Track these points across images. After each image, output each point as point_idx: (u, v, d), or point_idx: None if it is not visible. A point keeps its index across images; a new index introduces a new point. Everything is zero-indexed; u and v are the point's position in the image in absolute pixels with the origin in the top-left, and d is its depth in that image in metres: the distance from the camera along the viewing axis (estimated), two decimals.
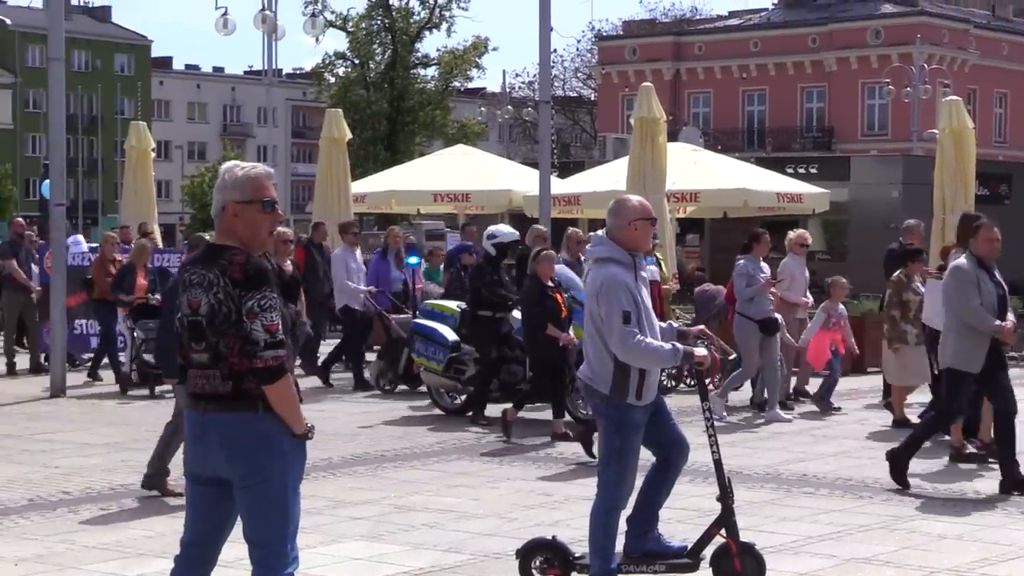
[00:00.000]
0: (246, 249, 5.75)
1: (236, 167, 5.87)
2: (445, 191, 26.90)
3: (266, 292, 5.65)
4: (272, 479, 5.69)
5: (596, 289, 7.59)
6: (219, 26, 32.45)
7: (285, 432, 5.70)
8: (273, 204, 5.84)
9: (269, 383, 5.63)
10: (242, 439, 5.68)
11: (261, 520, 5.73)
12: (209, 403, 5.74)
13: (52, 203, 18.80)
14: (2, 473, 11.89)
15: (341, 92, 68.79)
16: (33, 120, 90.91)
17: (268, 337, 5.61)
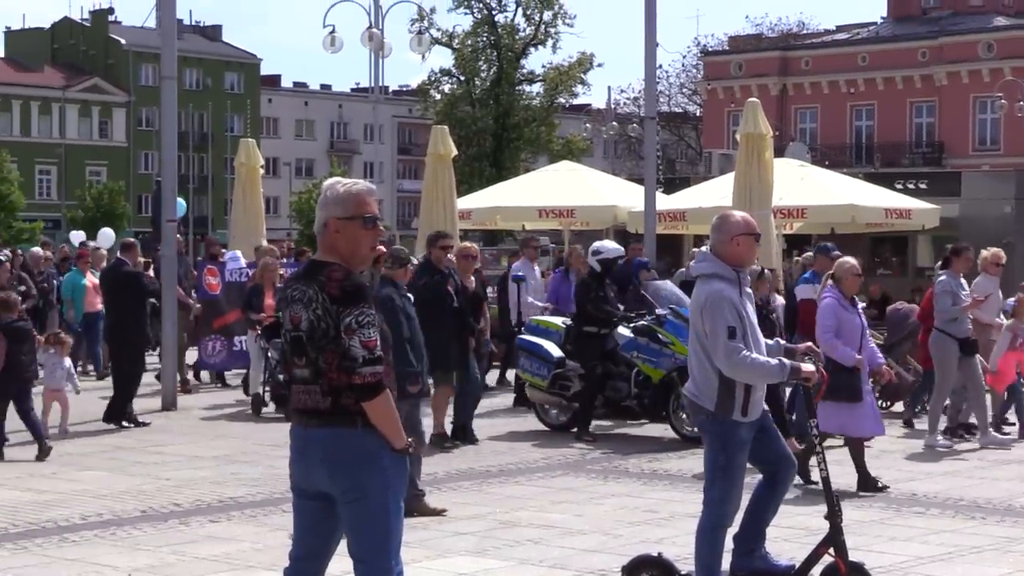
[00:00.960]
0: (347, 265, 5.78)
1: (338, 183, 5.92)
2: (550, 207, 26.91)
3: (364, 308, 5.68)
4: (372, 495, 5.71)
5: (701, 304, 7.57)
6: (327, 44, 32.71)
7: (385, 447, 5.71)
8: (375, 220, 5.86)
9: (367, 399, 5.65)
10: (342, 455, 5.70)
11: (363, 535, 5.75)
12: (311, 418, 5.78)
13: (163, 219, 19.05)
14: (116, 484, 12.09)
15: (447, 109, 69.16)
16: (146, 138, 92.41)
17: (366, 353, 5.63)
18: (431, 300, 13.67)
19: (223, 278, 20.17)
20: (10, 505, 11.08)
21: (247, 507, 11.05)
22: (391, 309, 10.87)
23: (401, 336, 10.79)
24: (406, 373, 10.61)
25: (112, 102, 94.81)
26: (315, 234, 5.96)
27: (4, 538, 9.82)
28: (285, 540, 9.30)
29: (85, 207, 79.17)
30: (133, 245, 17.23)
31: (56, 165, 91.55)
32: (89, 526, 10.27)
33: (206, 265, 20.65)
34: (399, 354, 10.70)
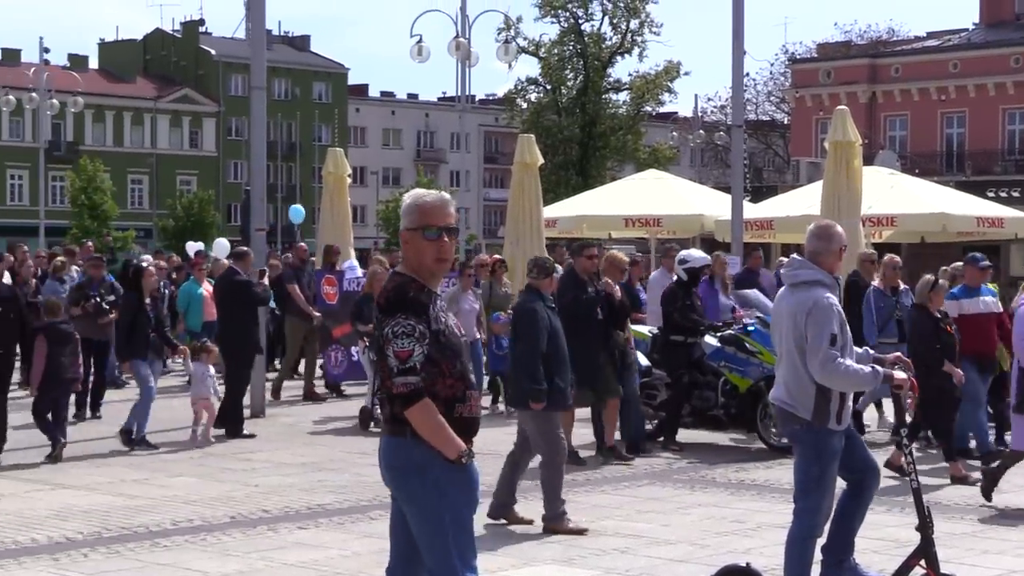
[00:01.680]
0: (417, 276, 5.78)
1: (411, 195, 5.93)
2: (636, 216, 26.88)
3: (400, 319, 5.66)
4: (423, 503, 5.70)
5: (805, 310, 7.52)
6: (414, 53, 32.93)
7: (437, 459, 5.66)
8: (439, 231, 5.79)
9: (403, 409, 5.66)
10: (396, 463, 5.75)
11: (423, 543, 5.76)
12: (383, 424, 5.87)
13: (253, 228, 19.22)
14: (205, 491, 12.22)
15: (533, 117, 69.24)
16: (235, 147, 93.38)
17: (398, 363, 5.63)
18: (579, 314, 13.32)
19: (340, 287, 20.04)
20: (103, 510, 11.23)
21: (335, 514, 11.12)
22: (531, 321, 10.77)
23: (536, 350, 10.67)
24: (533, 390, 10.53)
25: (202, 112, 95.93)
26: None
27: (97, 542, 9.96)
28: (372, 547, 9.38)
29: (176, 216, 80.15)
30: (246, 254, 17.11)
31: (147, 175, 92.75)
32: (180, 531, 10.39)
33: (324, 275, 20.35)
34: (529, 368, 10.67)
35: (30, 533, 10.27)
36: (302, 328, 20.07)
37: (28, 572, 9.09)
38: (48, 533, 10.27)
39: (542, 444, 10.63)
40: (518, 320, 11.08)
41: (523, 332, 10.93)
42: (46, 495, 12.01)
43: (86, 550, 9.71)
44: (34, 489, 12.32)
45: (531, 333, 10.80)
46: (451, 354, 5.73)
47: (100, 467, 13.62)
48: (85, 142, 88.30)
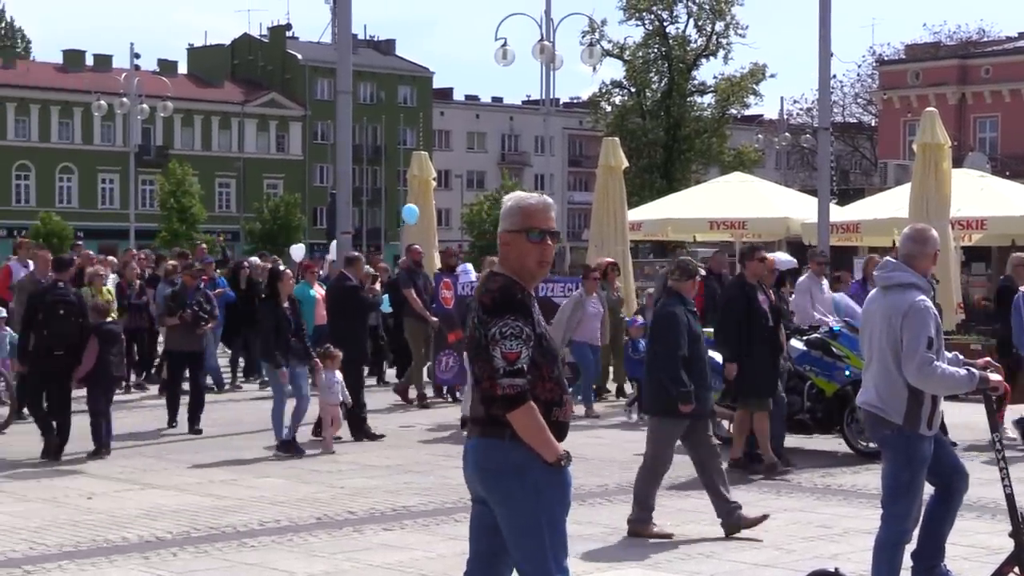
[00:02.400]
0: (516, 278, 5.78)
1: (511, 197, 5.93)
2: (721, 219, 26.77)
3: (509, 320, 5.65)
4: (518, 505, 5.68)
5: (901, 313, 7.45)
6: (498, 57, 32.97)
7: (536, 461, 5.66)
8: (541, 234, 5.81)
9: (508, 411, 5.64)
10: (492, 465, 5.72)
11: (517, 545, 5.74)
12: (473, 426, 5.84)
13: (338, 231, 19.37)
14: (292, 492, 12.32)
15: (617, 120, 69.13)
16: (321, 151, 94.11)
17: (506, 364, 5.61)
18: (752, 322, 13.09)
19: (456, 291, 19.61)
20: (191, 510, 11.36)
21: (420, 516, 11.17)
22: (670, 326, 10.54)
23: (676, 353, 10.47)
24: (680, 392, 10.37)
25: (289, 116, 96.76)
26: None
27: (186, 541, 10.07)
28: (456, 549, 9.40)
29: (262, 219, 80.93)
30: (357, 259, 17.04)
31: (235, 178, 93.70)
32: (267, 532, 10.48)
33: (442, 278, 20.00)
34: (670, 372, 10.46)
35: (121, 532, 10.41)
36: (422, 331, 19.77)
37: (119, 570, 9.21)
38: (138, 532, 10.41)
39: (650, 448, 10.51)
40: (656, 324, 10.86)
41: (662, 336, 10.72)
42: (136, 495, 12.17)
43: (175, 549, 9.83)
44: (125, 489, 12.49)
45: (670, 337, 10.56)
46: (551, 358, 5.76)
47: (189, 468, 13.77)
48: (174, 146, 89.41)
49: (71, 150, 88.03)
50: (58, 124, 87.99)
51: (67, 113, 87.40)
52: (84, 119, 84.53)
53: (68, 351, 14.48)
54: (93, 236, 67.78)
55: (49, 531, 10.42)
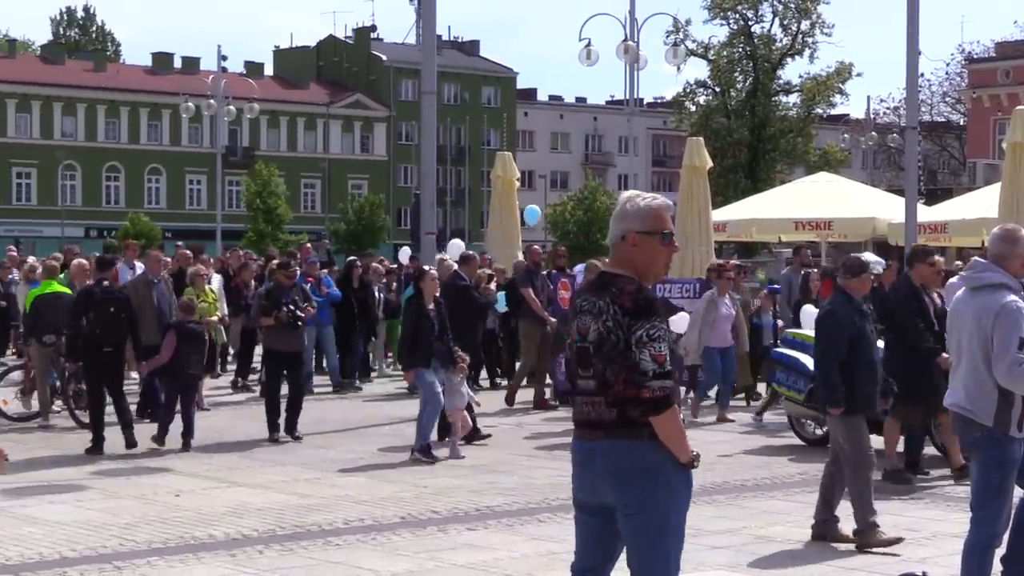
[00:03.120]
0: (639, 279, 5.78)
1: (638, 197, 5.91)
2: (807, 219, 26.54)
3: (655, 322, 5.64)
4: (654, 509, 5.67)
5: (992, 313, 7.36)
6: (582, 57, 32.91)
7: (670, 461, 5.67)
8: (672, 236, 5.87)
9: (656, 413, 5.61)
10: (626, 467, 5.67)
11: (644, 549, 5.72)
12: (594, 430, 5.76)
13: (422, 231, 19.43)
14: (376, 491, 12.38)
15: (702, 120, 68.90)
16: (405, 152, 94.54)
17: (656, 367, 5.59)
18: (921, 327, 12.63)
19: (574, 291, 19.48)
20: (277, 508, 11.46)
21: (503, 516, 11.19)
22: (830, 324, 10.21)
23: (832, 354, 10.13)
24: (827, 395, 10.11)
25: (373, 117, 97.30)
26: (609, 245, 5.94)
27: (272, 540, 10.16)
28: (540, 549, 9.42)
29: (347, 220, 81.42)
30: (471, 258, 16.94)
31: (320, 179, 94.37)
32: (351, 530, 10.55)
33: (559, 278, 19.77)
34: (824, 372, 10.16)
35: (208, 529, 10.52)
36: (537, 333, 19.37)
37: (206, 567, 9.31)
38: (225, 529, 10.51)
39: (846, 449, 10.15)
40: (819, 323, 10.62)
41: (821, 335, 10.44)
42: (223, 492, 12.29)
43: (261, 547, 9.91)
44: (211, 487, 12.62)
45: (829, 336, 10.28)
46: (675, 359, 5.75)
47: (275, 466, 13.89)
48: (260, 147, 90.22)
49: (159, 152, 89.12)
50: (147, 126, 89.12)
51: (156, 115, 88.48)
52: (172, 121, 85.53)
53: (117, 347, 15.07)
54: (180, 236, 68.43)
55: (138, 528, 10.56)
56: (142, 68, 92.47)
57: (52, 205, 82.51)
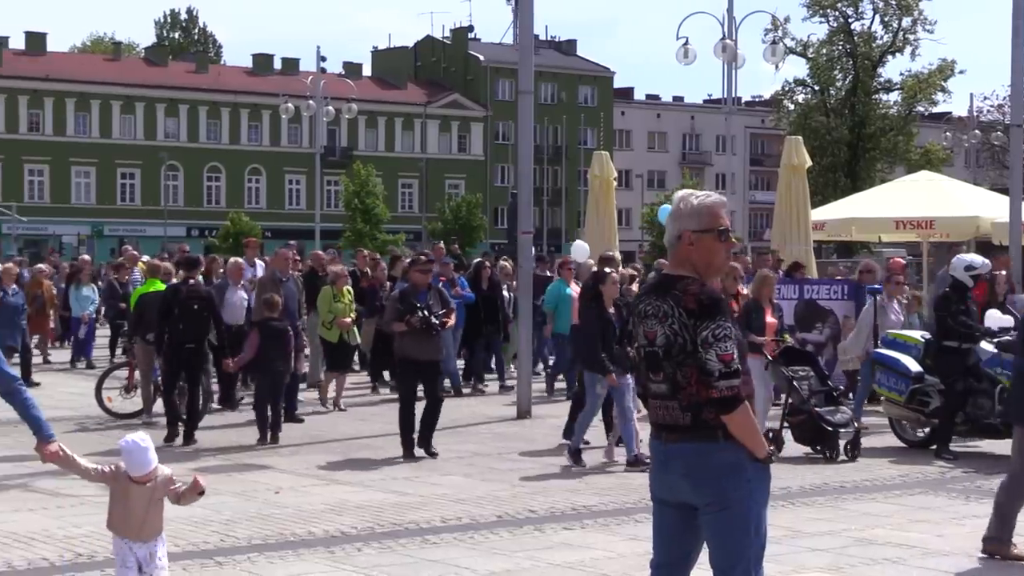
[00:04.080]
0: (700, 278, 5.77)
1: (691, 196, 5.90)
2: (908, 218, 26.18)
3: (720, 321, 5.63)
4: (734, 506, 5.69)
5: None
6: (680, 56, 32.81)
7: (747, 459, 5.67)
8: (728, 233, 5.85)
9: (726, 412, 5.62)
10: (705, 468, 5.68)
11: (725, 547, 5.74)
12: (671, 433, 5.77)
13: (519, 231, 19.45)
14: (473, 489, 12.42)
15: (800, 119, 68.34)
16: (502, 151, 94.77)
17: (723, 367, 5.59)
18: None
19: None
20: (375, 506, 11.53)
21: (600, 515, 11.18)
22: None
23: None
24: None
25: (470, 117, 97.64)
26: (666, 246, 5.95)
27: (370, 537, 10.23)
28: (637, 549, 9.39)
29: (444, 219, 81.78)
30: (612, 258, 16.69)
31: (417, 179, 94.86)
32: (448, 529, 10.59)
33: None
34: None
35: (307, 526, 10.62)
36: None
37: (305, 563, 9.39)
38: (324, 527, 10.60)
39: (1018, 461, 9.66)
40: (1020, 331, 10.30)
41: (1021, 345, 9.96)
42: (322, 490, 12.39)
43: (359, 544, 9.98)
44: (311, 484, 12.73)
45: None
46: (743, 356, 5.74)
47: (373, 464, 13.98)
48: (358, 147, 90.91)
49: (259, 152, 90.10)
50: (247, 127, 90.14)
51: (256, 116, 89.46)
52: (272, 121, 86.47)
53: (198, 344, 15.63)
54: (279, 236, 69.07)
55: (239, 524, 10.68)
56: (243, 69, 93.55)
57: (155, 205, 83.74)
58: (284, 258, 18.07)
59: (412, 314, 14.23)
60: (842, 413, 14.54)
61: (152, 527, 7.23)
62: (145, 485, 7.16)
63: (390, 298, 15.72)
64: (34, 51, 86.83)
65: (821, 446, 14.39)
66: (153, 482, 7.19)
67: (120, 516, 7.18)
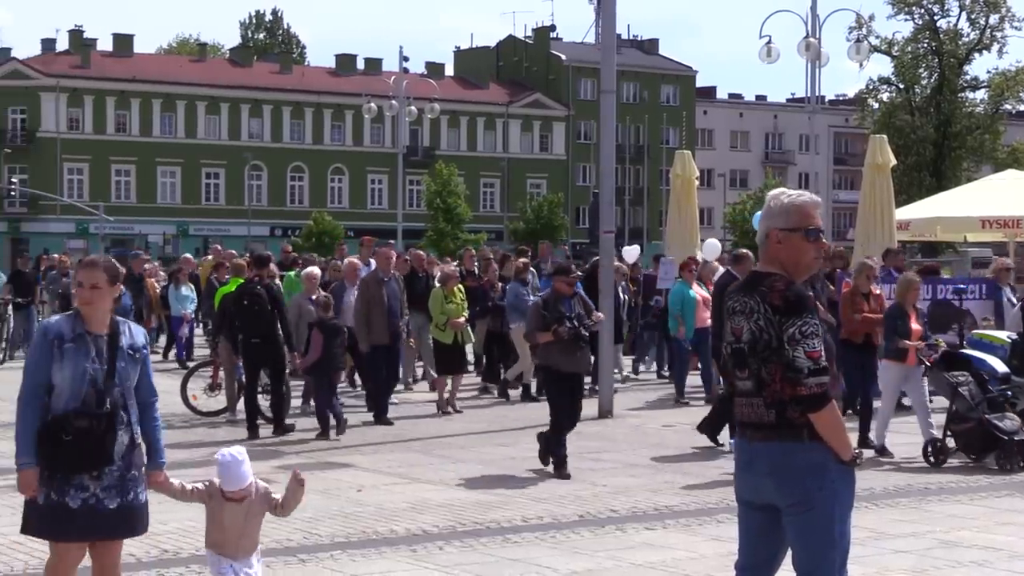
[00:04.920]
0: (789, 276, 5.75)
1: (782, 195, 5.89)
2: (994, 217, 25.87)
3: (807, 319, 5.60)
4: (818, 507, 5.65)
5: None
6: (763, 55, 32.62)
7: (832, 459, 5.64)
8: (818, 232, 5.82)
9: (813, 411, 5.58)
10: (789, 467, 5.65)
11: (809, 548, 5.71)
12: (755, 431, 5.75)
13: (601, 230, 19.40)
14: (555, 489, 12.42)
15: (885, 118, 67.73)
16: (584, 150, 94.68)
17: (811, 364, 5.56)
18: None
19: None
20: (457, 505, 11.57)
21: (682, 516, 11.14)
22: None
23: None
24: None
25: (552, 116, 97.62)
26: (757, 244, 5.95)
27: (452, 536, 10.26)
28: (719, 550, 9.36)
29: (525, 219, 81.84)
30: (745, 257, 16.46)
31: (499, 178, 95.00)
32: (530, 528, 10.60)
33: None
34: None
35: (389, 524, 10.67)
36: None
37: (387, 561, 9.45)
38: (406, 525, 10.65)
39: None
40: None
41: None
42: (404, 488, 12.45)
43: (441, 543, 10.02)
44: (392, 482, 12.80)
45: None
46: (830, 353, 5.72)
47: (455, 463, 14.02)
48: (440, 147, 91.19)
49: (342, 152, 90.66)
50: (330, 127, 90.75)
51: (339, 116, 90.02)
52: (355, 121, 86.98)
53: (263, 339, 15.99)
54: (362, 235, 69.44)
55: (322, 522, 10.76)
56: (326, 70, 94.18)
57: (239, 205, 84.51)
58: (386, 257, 17.89)
59: (559, 323, 13.46)
60: (1010, 420, 13.72)
61: (249, 543, 7.25)
62: (241, 503, 7.18)
63: (532, 305, 14.55)
64: (121, 53, 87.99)
65: (994, 455, 13.64)
66: (249, 498, 7.21)
67: (217, 534, 7.22)
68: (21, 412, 6.66)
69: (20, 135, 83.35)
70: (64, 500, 6.63)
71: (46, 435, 6.60)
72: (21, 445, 6.64)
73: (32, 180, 79.81)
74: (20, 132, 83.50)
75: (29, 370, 6.70)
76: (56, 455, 6.59)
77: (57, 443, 6.58)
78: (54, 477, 6.62)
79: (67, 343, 6.62)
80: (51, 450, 6.58)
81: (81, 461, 6.60)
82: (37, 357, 6.67)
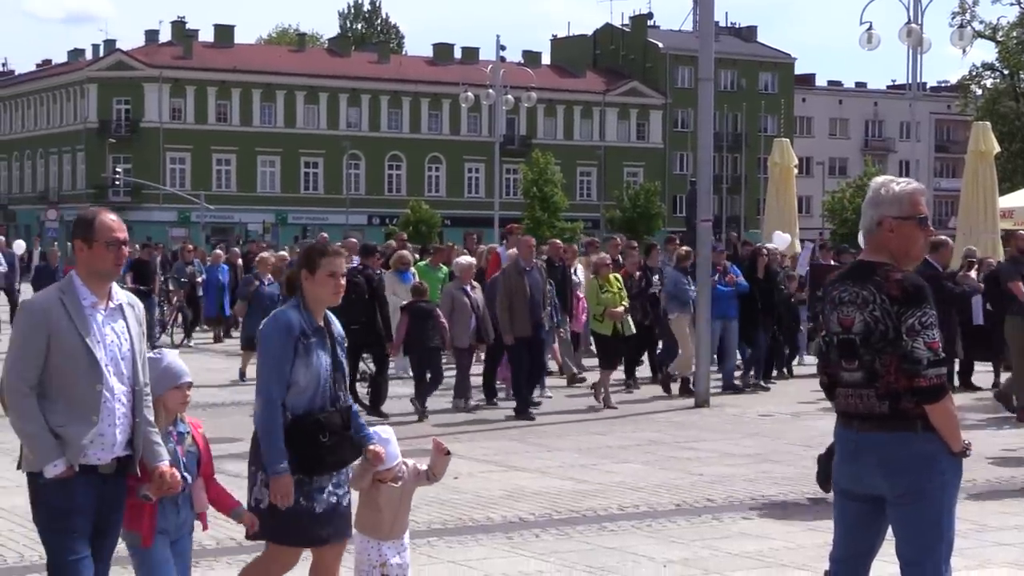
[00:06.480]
0: (897, 264, 5.69)
1: (892, 182, 5.83)
2: None
3: (926, 309, 5.54)
4: (928, 498, 5.60)
5: None
6: (863, 41, 32.25)
7: (944, 450, 5.58)
8: (927, 220, 5.80)
9: (931, 402, 5.52)
10: (901, 458, 5.59)
11: (916, 539, 5.65)
12: (864, 422, 5.68)
13: (698, 219, 19.29)
14: (650, 478, 12.40)
15: (988, 104, 66.71)
16: (681, 139, 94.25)
17: (931, 355, 5.50)
18: None
19: None
20: (553, 492, 11.59)
21: (779, 506, 11.07)
22: None
23: None
24: None
25: (649, 104, 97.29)
26: (863, 232, 5.86)
27: (548, 524, 10.28)
28: (816, 540, 9.28)
29: (622, 207, 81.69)
30: (942, 243, 15.78)
31: (595, 167, 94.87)
32: (626, 516, 10.59)
33: None
34: None
35: (485, 512, 10.71)
36: None
37: (484, 548, 9.48)
38: (502, 513, 10.68)
39: None
40: None
41: None
42: (500, 476, 12.49)
43: (537, 531, 10.03)
44: (489, 470, 12.83)
45: None
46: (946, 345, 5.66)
47: (551, 451, 14.04)
48: (537, 136, 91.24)
49: (440, 140, 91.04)
50: (428, 116, 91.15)
51: (436, 105, 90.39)
52: (452, 110, 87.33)
53: (363, 326, 16.06)
54: (459, 224, 69.90)
55: (418, 508, 10.76)
56: (423, 59, 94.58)
57: (337, 193, 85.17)
58: (528, 246, 17.52)
59: None
60: None
61: (401, 524, 7.16)
62: (396, 485, 7.07)
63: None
64: (222, 43, 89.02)
65: None
66: (403, 479, 7.13)
67: (372, 515, 7.05)
68: (270, 414, 6.38)
69: (124, 126, 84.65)
70: (312, 504, 6.50)
71: (300, 436, 6.39)
72: (273, 450, 6.35)
73: (135, 170, 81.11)
74: (124, 123, 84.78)
75: (272, 368, 6.41)
76: (317, 456, 6.43)
77: (316, 444, 6.42)
78: (303, 481, 6.45)
79: (311, 338, 6.47)
80: (311, 451, 6.42)
81: (336, 461, 6.54)
82: (279, 355, 6.40)
